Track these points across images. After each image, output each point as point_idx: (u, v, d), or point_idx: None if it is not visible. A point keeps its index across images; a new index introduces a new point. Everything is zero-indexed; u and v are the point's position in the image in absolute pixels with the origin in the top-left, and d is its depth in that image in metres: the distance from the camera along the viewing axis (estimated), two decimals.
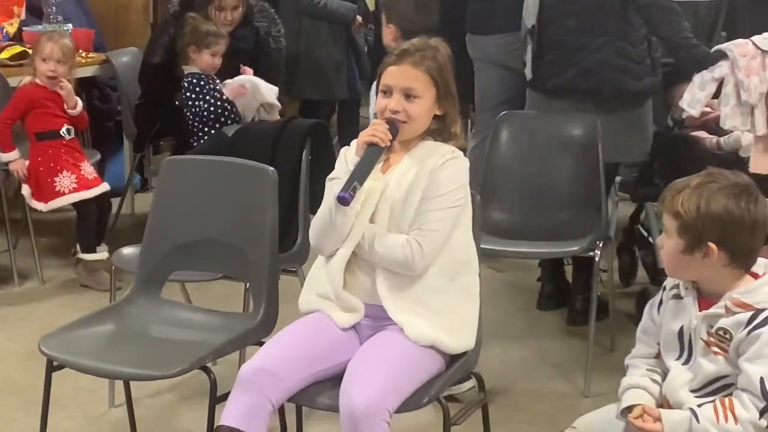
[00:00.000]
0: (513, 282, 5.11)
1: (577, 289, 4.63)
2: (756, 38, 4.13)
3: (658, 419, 2.44)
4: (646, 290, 4.60)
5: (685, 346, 2.51)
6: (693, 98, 4.16)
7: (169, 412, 3.89)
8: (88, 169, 5.09)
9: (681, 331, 2.51)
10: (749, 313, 2.41)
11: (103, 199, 5.10)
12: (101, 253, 5.06)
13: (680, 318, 2.53)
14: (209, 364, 2.97)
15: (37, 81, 5.02)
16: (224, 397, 2.86)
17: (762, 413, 2.36)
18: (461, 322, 2.88)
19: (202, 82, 5.00)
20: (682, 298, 2.54)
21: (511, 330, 4.56)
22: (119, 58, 5.89)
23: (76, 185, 4.98)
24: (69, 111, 5.04)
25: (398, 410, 2.70)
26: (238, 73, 5.21)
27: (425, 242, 2.79)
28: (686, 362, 2.51)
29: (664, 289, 2.60)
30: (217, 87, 5.05)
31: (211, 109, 4.96)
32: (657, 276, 4.61)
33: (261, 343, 2.95)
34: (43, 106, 5.01)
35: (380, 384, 2.65)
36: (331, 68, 5.91)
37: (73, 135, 5.08)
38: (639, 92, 4.43)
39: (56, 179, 4.96)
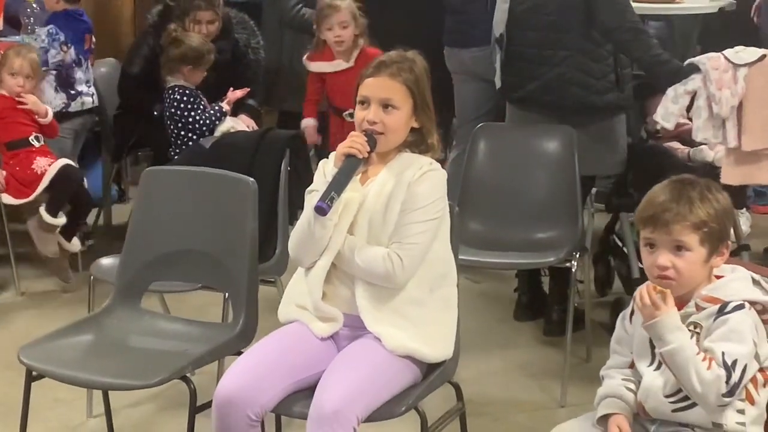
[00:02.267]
0: (490, 293, 5.13)
1: (554, 300, 4.65)
2: (728, 52, 4.18)
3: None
4: (621, 300, 4.64)
5: (656, 352, 2.55)
6: (667, 111, 4.21)
7: (148, 422, 3.89)
8: (41, 162, 5.09)
9: None
10: (718, 305, 2.48)
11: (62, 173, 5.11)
12: (59, 219, 5.07)
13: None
14: (189, 374, 2.98)
15: (3, 92, 5.09)
16: (204, 407, 2.87)
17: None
18: (439, 332, 2.90)
19: (191, 95, 5.06)
20: None
21: (488, 340, 4.58)
22: (97, 69, 5.89)
23: (52, 161, 5.06)
24: (40, 120, 5.11)
25: (375, 418, 2.73)
26: (220, 85, 5.24)
27: (405, 255, 2.81)
28: (658, 368, 2.54)
29: (635, 299, 2.64)
30: (202, 98, 5.10)
31: (205, 121, 5.02)
32: (631, 286, 4.64)
33: (240, 353, 2.96)
34: (10, 116, 5.08)
35: (350, 391, 2.67)
36: None
37: (42, 142, 5.13)
38: (602, 107, 4.46)
39: (33, 166, 5.03)
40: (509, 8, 4.54)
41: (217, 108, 5.08)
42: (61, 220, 5.08)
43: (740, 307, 2.46)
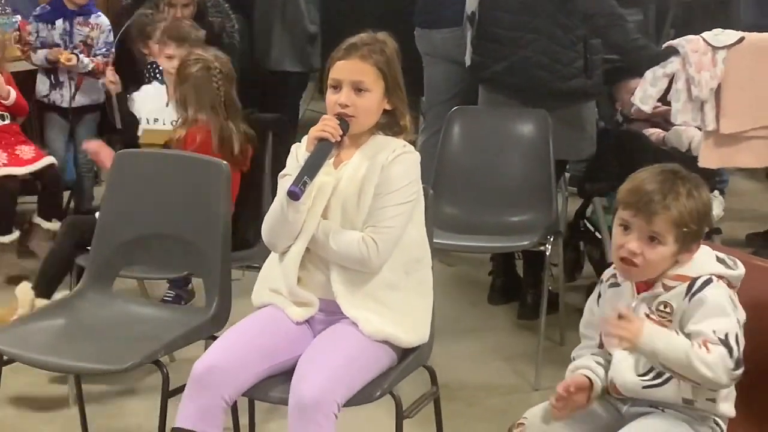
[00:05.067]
0: (464, 276, 5.13)
1: (528, 284, 4.66)
2: (707, 34, 4.18)
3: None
4: (595, 285, 4.64)
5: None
6: (645, 94, 4.20)
7: (120, 406, 3.87)
8: (24, 149, 5.15)
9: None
10: (686, 283, 2.46)
11: (45, 173, 5.16)
12: (54, 222, 5.09)
13: (618, 304, 2.55)
14: (162, 358, 2.97)
15: None
16: (177, 391, 2.86)
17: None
18: (415, 317, 2.90)
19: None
20: (619, 285, 2.58)
21: (462, 324, 4.59)
22: None
23: (5, 162, 5.05)
24: (2, 101, 5.13)
25: (350, 403, 2.71)
26: None
27: (380, 239, 2.80)
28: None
29: (602, 281, 2.64)
30: None
31: None
32: (603, 271, 4.66)
33: (214, 338, 2.95)
34: None
35: (330, 376, 2.66)
36: (306, 40, 6.00)
37: (8, 121, 5.12)
38: (567, 93, 4.44)
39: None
40: None
41: None
42: (57, 224, 5.05)
43: (709, 281, 2.46)
